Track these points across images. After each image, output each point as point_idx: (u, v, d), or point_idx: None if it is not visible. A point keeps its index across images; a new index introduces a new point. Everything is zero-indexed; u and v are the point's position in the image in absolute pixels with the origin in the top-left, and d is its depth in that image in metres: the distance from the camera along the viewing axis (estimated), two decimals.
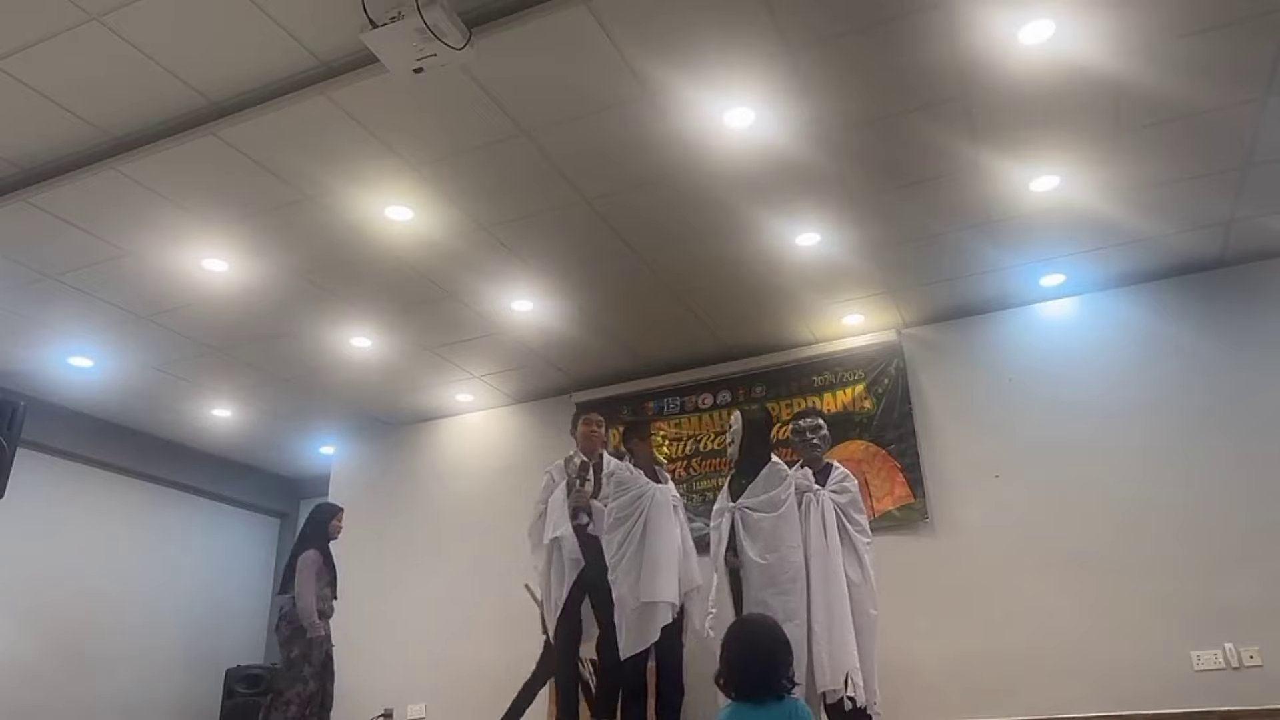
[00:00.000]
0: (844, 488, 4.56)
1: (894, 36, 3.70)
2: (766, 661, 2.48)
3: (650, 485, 4.51)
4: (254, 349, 6.27)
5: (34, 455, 6.68)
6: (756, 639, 2.56)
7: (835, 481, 4.58)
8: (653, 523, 4.37)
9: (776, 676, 2.46)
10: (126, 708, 7.33)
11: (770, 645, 2.53)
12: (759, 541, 4.22)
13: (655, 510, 4.42)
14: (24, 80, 3.78)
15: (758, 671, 2.46)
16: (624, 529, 4.37)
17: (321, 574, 5.52)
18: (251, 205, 4.66)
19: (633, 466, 4.64)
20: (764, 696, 2.45)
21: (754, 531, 4.25)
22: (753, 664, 2.48)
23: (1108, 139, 4.39)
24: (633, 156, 4.38)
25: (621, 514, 4.41)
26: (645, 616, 4.23)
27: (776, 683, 2.46)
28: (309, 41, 3.68)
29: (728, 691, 2.55)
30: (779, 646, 2.53)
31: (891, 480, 5.93)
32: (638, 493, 4.46)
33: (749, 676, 2.47)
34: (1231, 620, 4.90)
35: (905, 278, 5.65)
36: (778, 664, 2.48)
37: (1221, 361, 5.40)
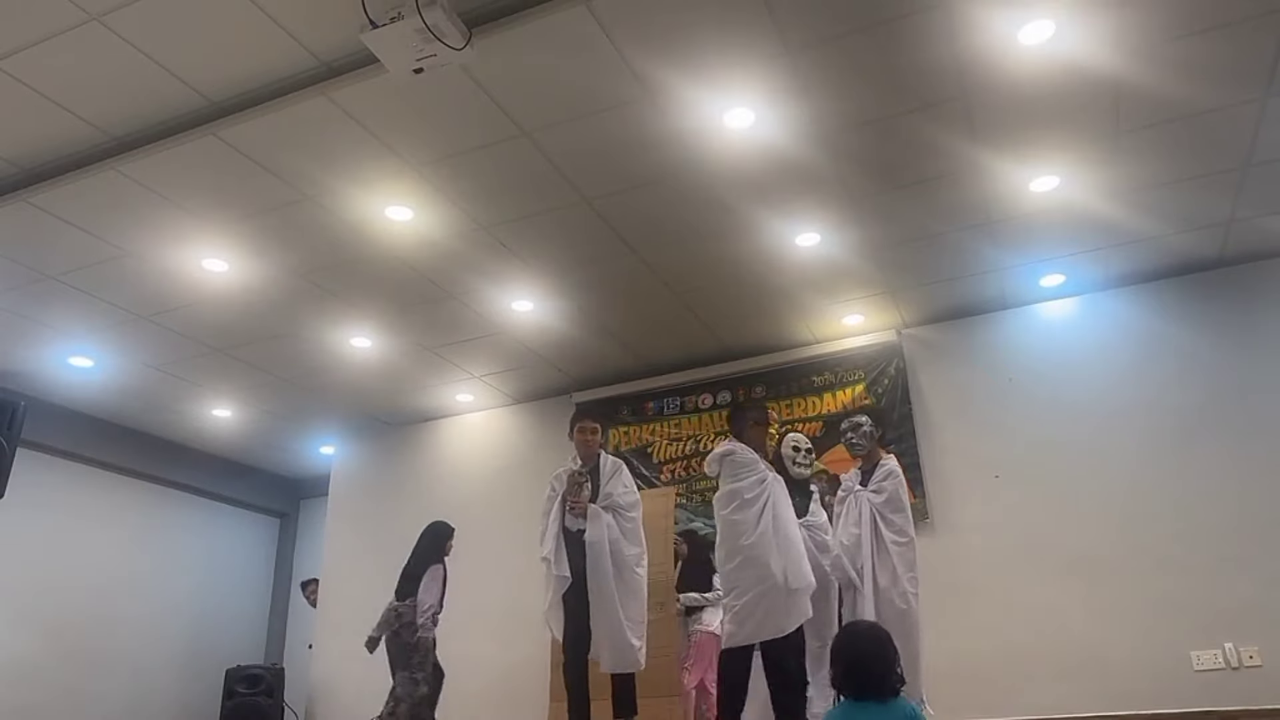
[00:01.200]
0: (881, 487, 4.46)
1: (894, 37, 3.70)
2: (878, 661, 2.60)
3: (769, 470, 4.29)
4: (254, 349, 6.27)
5: (34, 455, 6.68)
6: (867, 640, 2.69)
7: (875, 481, 4.50)
8: (779, 508, 4.16)
9: (889, 676, 2.58)
10: (126, 707, 7.33)
11: (879, 646, 2.66)
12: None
13: (780, 495, 4.21)
14: (24, 80, 3.78)
15: (872, 671, 2.58)
16: (754, 510, 4.10)
17: (443, 586, 5.71)
18: (251, 205, 4.66)
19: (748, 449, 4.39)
20: (878, 695, 2.56)
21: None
22: (866, 664, 2.60)
23: (1108, 139, 4.39)
24: (633, 157, 4.38)
25: (750, 495, 4.14)
26: (792, 602, 3.99)
27: (889, 682, 2.57)
28: (309, 41, 3.68)
29: (843, 692, 2.67)
30: (887, 647, 2.66)
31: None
32: (759, 476, 4.20)
33: (865, 676, 2.59)
34: (1231, 620, 4.90)
35: (905, 278, 5.65)
36: (889, 663, 2.60)
37: (1221, 362, 5.40)
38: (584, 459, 4.79)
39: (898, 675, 2.62)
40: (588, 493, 4.64)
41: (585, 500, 4.60)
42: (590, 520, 4.55)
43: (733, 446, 4.29)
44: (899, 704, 2.58)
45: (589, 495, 4.64)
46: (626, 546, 4.56)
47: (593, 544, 4.45)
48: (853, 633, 2.80)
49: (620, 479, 4.75)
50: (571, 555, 4.55)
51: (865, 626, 2.87)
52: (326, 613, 7.50)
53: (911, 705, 2.63)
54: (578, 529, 4.58)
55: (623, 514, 4.64)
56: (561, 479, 4.75)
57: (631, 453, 6.76)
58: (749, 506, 4.11)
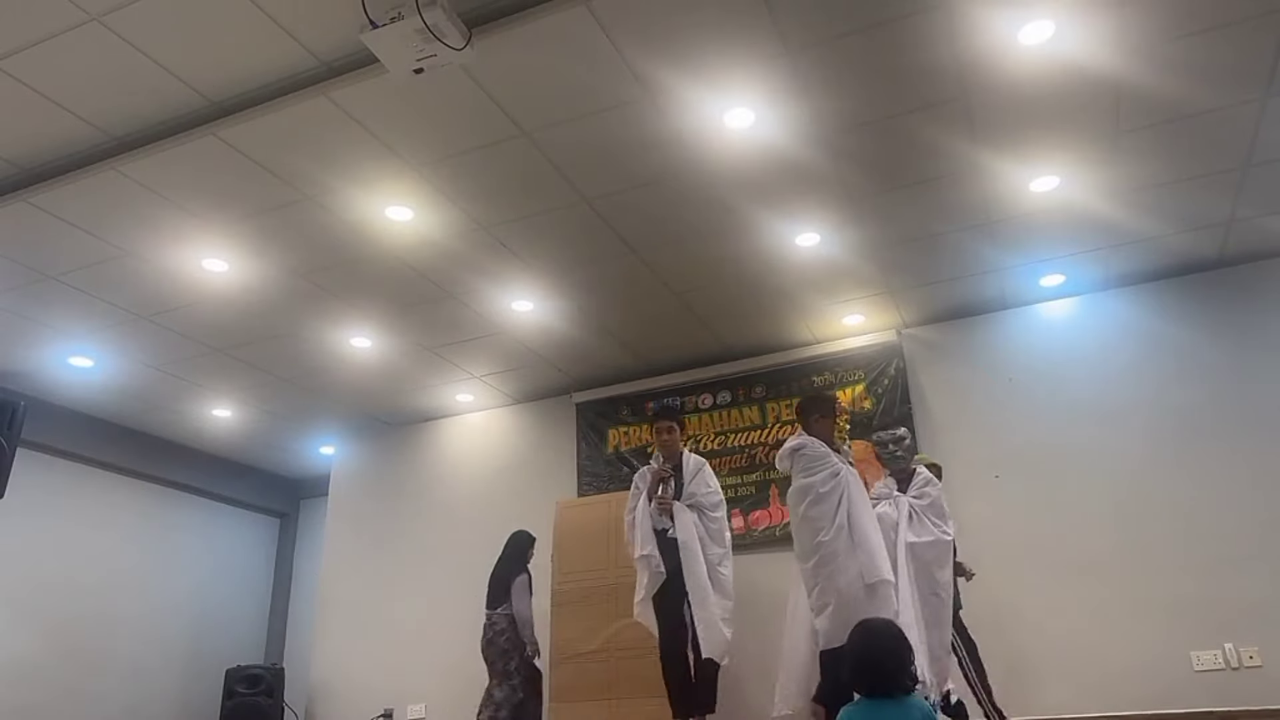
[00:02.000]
0: (924, 493, 4.49)
1: (894, 37, 3.70)
2: (892, 660, 2.64)
3: (842, 463, 4.26)
4: (254, 349, 6.27)
5: (34, 455, 6.68)
6: (880, 638, 2.72)
7: (916, 487, 4.55)
8: (854, 501, 4.12)
9: (902, 674, 2.61)
10: (126, 707, 7.33)
11: (893, 644, 2.70)
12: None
13: (855, 487, 4.17)
14: (24, 80, 3.78)
15: (885, 669, 2.62)
16: (830, 505, 4.06)
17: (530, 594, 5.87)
18: (251, 205, 4.66)
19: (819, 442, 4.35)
20: (892, 693, 2.60)
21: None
22: (879, 662, 2.64)
23: (1108, 139, 4.39)
24: (633, 157, 4.38)
25: (824, 489, 4.10)
26: (872, 598, 3.92)
27: (901, 680, 2.61)
28: (309, 41, 3.68)
29: (856, 690, 2.71)
30: (901, 645, 2.70)
31: None
32: (833, 469, 4.16)
33: (877, 674, 2.63)
34: (1231, 620, 4.90)
35: (905, 278, 5.65)
36: (902, 662, 2.64)
37: (1221, 361, 5.40)
38: (667, 458, 4.83)
39: (911, 674, 2.65)
40: (671, 490, 4.68)
41: (670, 499, 4.63)
42: (677, 519, 4.59)
43: (803, 440, 4.25)
44: (912, 702, 2.60)
45: (672, 493, 4.67)
46: (711, 546, 4.60)
47: (683, 543, 4.53)
48: (867, 630, 2.80)
49: (703, 479, 4.78)
50: (665, 554, 4.58)
51: (879, 624, 2.86)
52: (326, 613, 7.50)
53: (925, 704, 2.64)
54: (663, 528, 4.61)
55: (707, 514, 4.68)
56: (645, 477, 4.79)
57: (631, 453, 6.77)
58: (823, 501, 4.07)
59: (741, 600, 6.05)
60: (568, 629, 5.77)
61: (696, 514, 4.66)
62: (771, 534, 6.15)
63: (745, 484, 6.34)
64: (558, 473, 6.96)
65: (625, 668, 5.49)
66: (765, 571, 6.11)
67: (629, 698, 5.41)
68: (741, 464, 6.39)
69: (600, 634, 5.62)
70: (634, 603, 4.69)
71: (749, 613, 6.04)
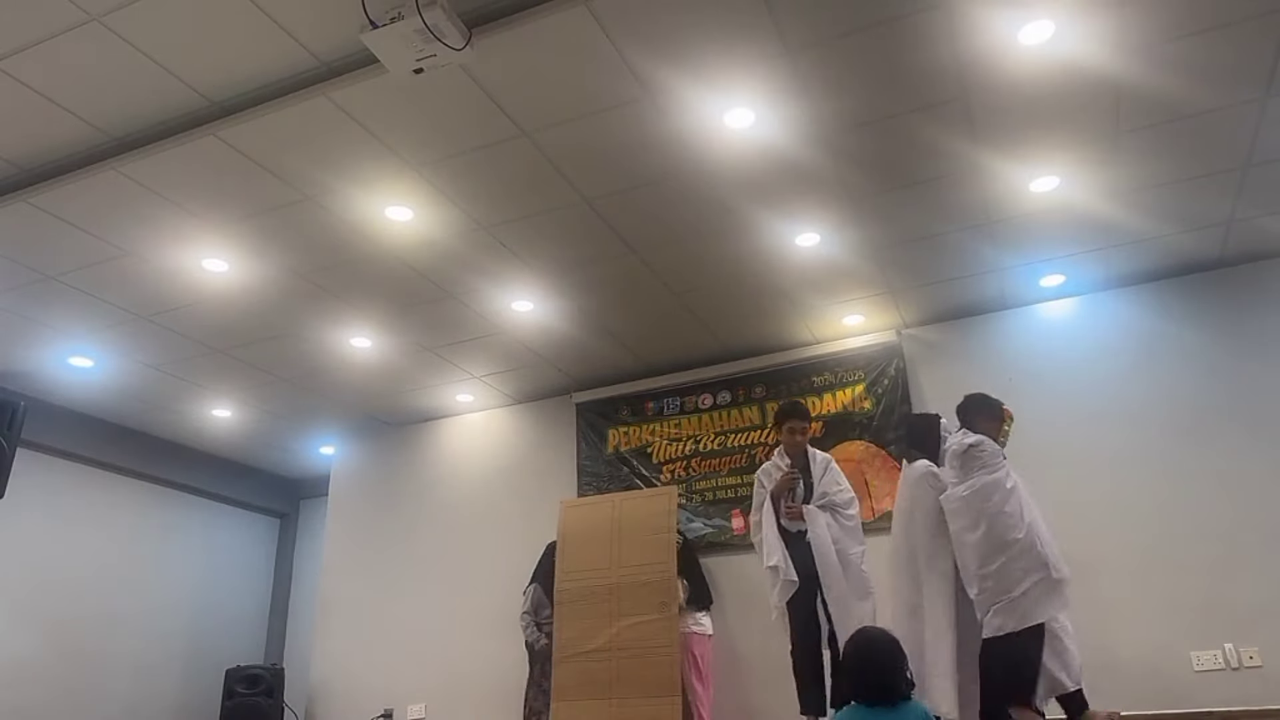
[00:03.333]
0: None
1: (894, 37, 3.70)
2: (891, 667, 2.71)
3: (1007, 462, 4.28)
4: (254, 349, 6.27)
5: (34, 455, 6.68)
6: (876, 647, 2.78)
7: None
8: (1028, 499, 4.12)
9: (900, 680, 2.68)
10: (126, 707, 7.33)
11: (892, 651, 2.76)
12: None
13: (1024, 484, 4.17)
14: (24, 80, 3.78)
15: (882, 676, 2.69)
16: (1016, 501, 4.03)
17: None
18: (251, 206, 4.66)
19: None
20: (888, 700, 2.66)
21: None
22: (876, 670, 2.70)
23: (1107, 139, 4.39)
24: (633, 157, 4.38)
25: (1009, 484, 4.08)
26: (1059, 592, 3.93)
27: (898, 687, 2.67)
28: (309, 41, 3.68)
29: (854, 696, 2.75)
30: (899, 652, 2.76)
31: (891, 480, 5.91)
32: (1007, 466, 4.16)
33: (874, 682, 2.69)
34: (1231, 620, 4.90)
35: (905, 278, 5.65)
36: (898, 669, 2.71)
37: (1221, 361, 5.40)
38: (792, 457, 4.77)
39: (908, 680, 2.70)
40: (800, 492, 4.63)
41: (799, 503, 4.58)
42: (809, 522, 4.54)
43: (979, 437, 4.19)
44: (910, 707, 2.64)
45: (801, 495, 4.63)
46: (849, 545, 4.56)
47: (818, 547, 4.47)
48: (862, 640, 2.84)
49: (833, 476, 4.74)
50: (797, 556, 4.53)
51: (875, 633, 2.90)
52: (326, 613, 7.50)
53: (923, 707, 2.69)
54: (797, 529, 4.56)
55: (841, 512, 4.63)
56: (771, 475, 4.72)
57: (631, 453, 6.77)
58: (1012, 498, 4.02)
59: (742, 601, 6.08)
60: (569, 628, 5.78)
61: (830, 514, 4.58)
62: None
63: (745, 484, 6.31)
64: (558, 473, 6.95)
65: (626, 667, 5.49)
66: (766, 572, 6.11)
67: (630, 698, 5.41)
68: (741, 464, 6.38)
69: (601, 633, 5.63)
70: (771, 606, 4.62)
71: (749, 613, 6.05)
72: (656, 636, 5.46)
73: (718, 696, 5.76)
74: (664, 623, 5.48)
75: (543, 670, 5.87)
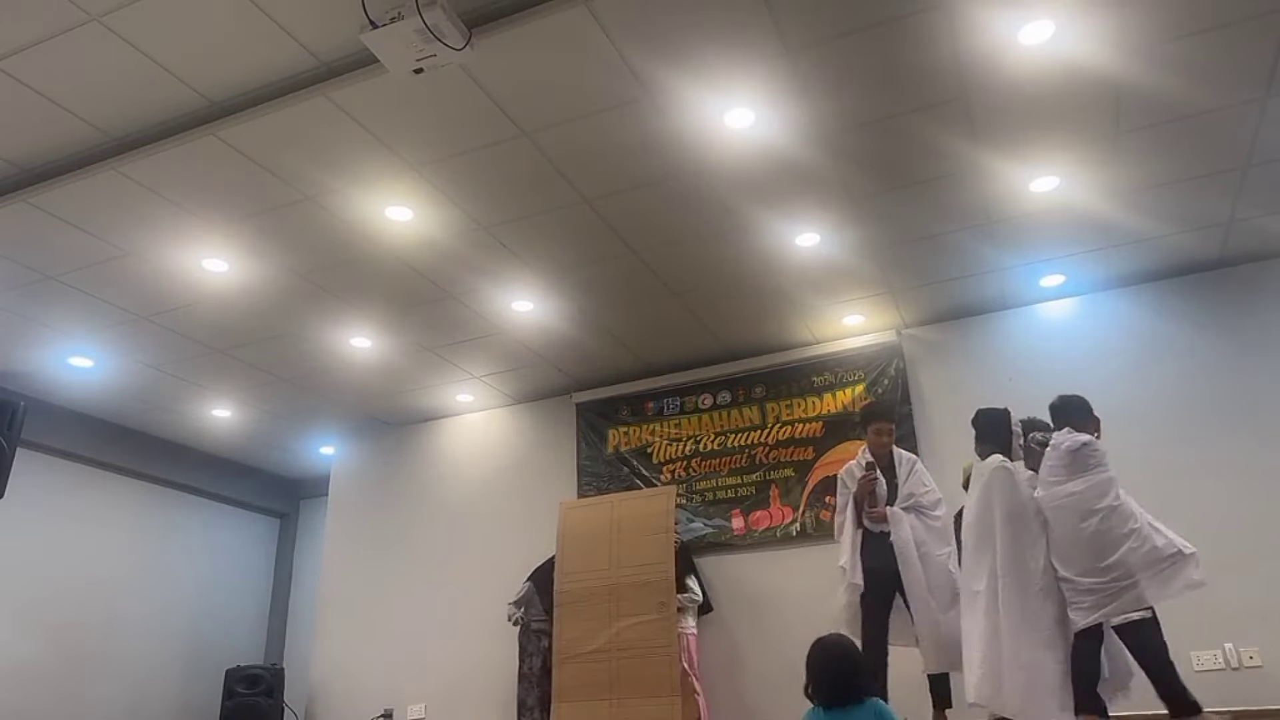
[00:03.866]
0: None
1: (894, 37, 3.70)
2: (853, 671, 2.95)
3: None
4: (254, 349, 6.27)
5: (34, 455, 6.67)
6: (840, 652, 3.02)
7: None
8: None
9: (853, 683, 2.91)
10: (127, 708, 7.33)
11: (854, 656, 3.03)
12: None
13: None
14: (24, 80, 3.78)
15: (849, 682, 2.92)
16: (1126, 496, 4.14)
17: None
18: (251, 205, 4.66)
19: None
20: (845, 702, 2.89)
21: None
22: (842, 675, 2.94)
23: (1107, 139, 4.39)
24: (633, 157, 4.38)
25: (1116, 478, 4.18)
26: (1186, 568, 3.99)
27: (854, 689, 2.90)
28: (309, 41, 3.68)
29: (814, 700, 2.98)
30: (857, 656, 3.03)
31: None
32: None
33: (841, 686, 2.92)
34: (1231, 620, 4.90)
35: (905, 278, 5.65)
36: (853, 673, 2.94)
37: (1221, 361, 5.40)
38: (877, 458, 4.74)
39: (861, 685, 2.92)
40: (883, 491, 4.61)
41: (882, 505, 4.56)
42: (893, 525, 4.51)
43: (1088, 436, 4.23)
44: (867, 706, 2.89)
45: (884, 496, 4.61)
46: (936, 546, 4.51)
47: (901, 550, 4.44)
48: (820, 647, 3.06)
49: (919, 477, 4.71)
50: (879, 556, 4.50)
51: (831, 640, 3.10)
52: (326, 613, 7.50)
53: (880, 704, 2.91)
54: (880, 530, 4.54)
55: (927, 514, 4.59)
56: (854, 475, 4.68)
57: (631, 453, 6.77)
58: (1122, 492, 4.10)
59: (742, 601, 6.08)
60: (569, 629, 5.77)
61: (915, 515, 4.55)
62: (772, 534, 6.15)
63: (745, 484, 6.34)
64: (558, 473, 6.95)
65: (626, 668, 5.49)
66: (765, 572, 6.12)
67: (630, 698, 5.41)
68: (741, 464, 6.38)
69: (601, 634, 5.63)
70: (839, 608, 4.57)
71: (750, 614, 6.05)
72: (656, 637, 5.46)
73: (717, 697, 5.77)
74: (664, 623, 5.48)
75: (529, 665, 5.98)
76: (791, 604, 5.90)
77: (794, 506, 6.13)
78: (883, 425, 4.82)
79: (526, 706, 5.88)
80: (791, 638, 5.80)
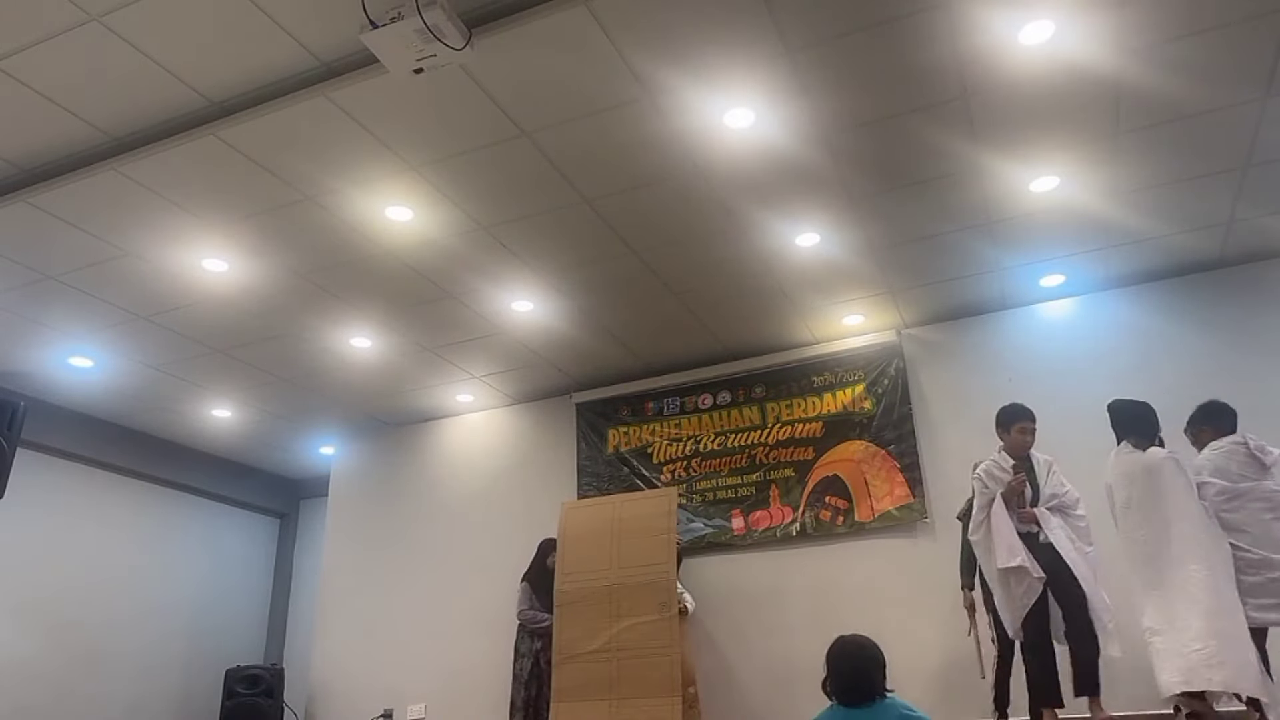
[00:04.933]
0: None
1: (894, 37, 3.70)
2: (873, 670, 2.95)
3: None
4: (254, 349, 6.27)
5: (34, 455, 6.68)
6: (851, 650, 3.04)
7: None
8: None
9: (873, 682, 2.92)
10: (126, 708, 7.33)
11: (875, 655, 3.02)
12: None
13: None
14: (24, 80, 3.78)
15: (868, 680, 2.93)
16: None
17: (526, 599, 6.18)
18: (251, 205, 4.66)
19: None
20: (865, 700, 2.90)
21: None
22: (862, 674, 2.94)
23: (1108, 139, 4.39)
24: (633, 157, 4.38)
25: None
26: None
27: (875, 687, 2.91)
28: (309, 41, 3.68)
29: (834, 698, 3.00)
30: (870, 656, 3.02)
31: (891, 480, 5.93)
32: None
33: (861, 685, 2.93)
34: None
35: (905, 278, 5.65)
36: (871, 672, 2.95)
37: (1221, 361, 5.40)
38: (1017, 458, 4.71)
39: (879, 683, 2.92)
40: (1029, 493, 4.60)
41: (1031, 511, 4.55)
42: (1045, 524, 4.50)
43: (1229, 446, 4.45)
44: (886, 704, 2.89)
45: (1030, 498, 4.60)
46: (1085, 544, 4.56)
47: (1061, 546, 4.46)
48: (840, 644, 3.09)
49: (1058, 477, 4.72)
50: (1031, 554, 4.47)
51: (852, 639, 3.12)
52: (326, 613, 7.50)
53: (902, 703, 2.91)
54: (1027, 531, 4.52)
55: (1071, 513, 4.60)
56: (995, 476, 4.61)
57: (631, 453, 6.77)
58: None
59: (742, 602, 6.08)
60: (569, 629, 5.77)
61: (1060, 515, 4.55)
62: (772, 534, 6.15)
63: (745, 484, 6.34)
64: (558, 473, 6.95)
65: (627, 668, 5.48)
66: (766, 572, 6.12)
67: (630, 698, 5.41)
68: (741, 464, 6.38)
69: (602, 634, 5.62)
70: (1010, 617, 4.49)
71: (750, 614, 6.05)
72: (657, 637, 5.46)
73: (718, 697, 5.77)
74: (664, 623, 5.47)
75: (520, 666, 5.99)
76: (791, 604, 5.91)
77: (794, 506, 6.13)
78: (1028, 425, 4.78)
79: (515, 707, 5.86)
80: (791, 638, 5.82)
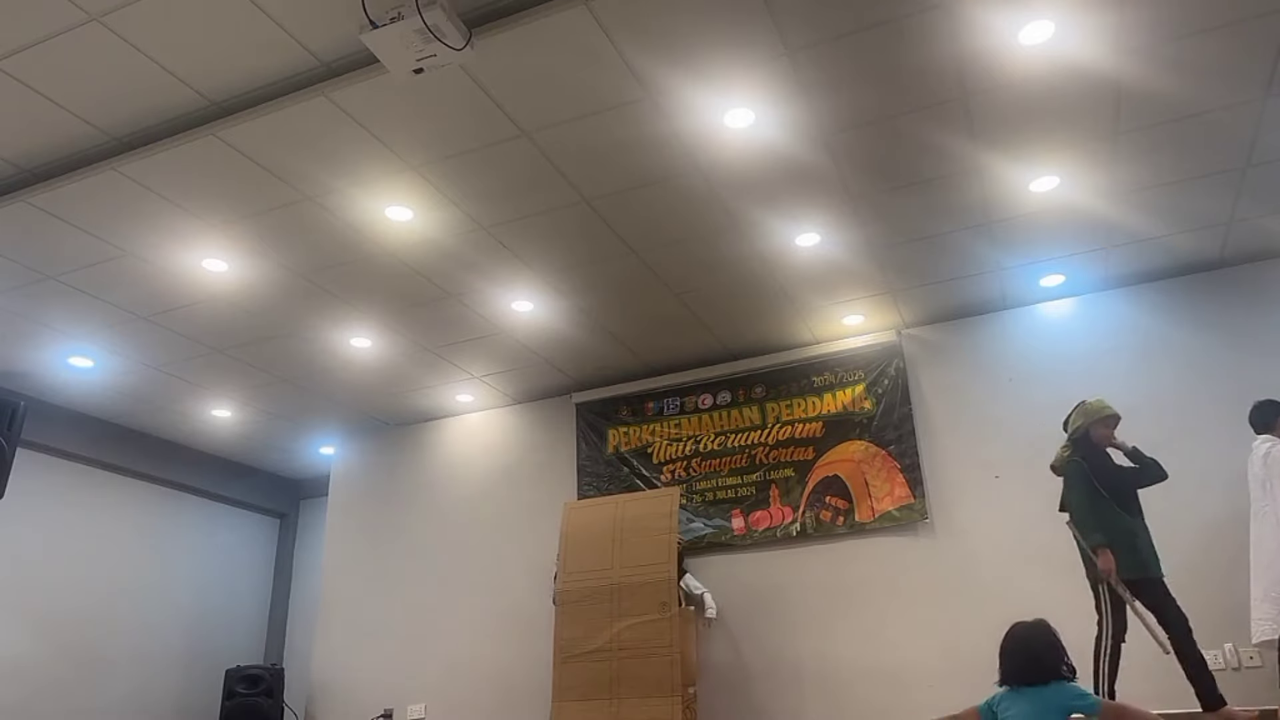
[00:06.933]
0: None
1: (894, 37, 3.70)
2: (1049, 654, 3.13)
3: None
4: (254, 349, 6.27)
5: (34, 455, 6.68)
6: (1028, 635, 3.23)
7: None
8: None
9: (1059, 664, 3.09)
10: (126, 708, 7.32)
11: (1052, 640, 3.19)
12: None
13: None
14: (24, 80, 3.78)
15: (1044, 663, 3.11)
16: None
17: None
18: (251, 205, 4.66)
19: None
20: (1036, 680, 3.08)
21: None
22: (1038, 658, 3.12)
23: (1108, 139, 4.39)
24: (633, 157, 4.38)
25: None
26: None
27: (1058, 670, 3.08)
28: (309, 41, 3.68)
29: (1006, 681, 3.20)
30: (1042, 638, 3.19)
31: (891, 480, 5.93)
32: None
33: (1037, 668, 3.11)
34: (1231, 620, 4.90)
35: (905, 278, 5.65)
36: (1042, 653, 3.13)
37: (1221, 361, 5.40)
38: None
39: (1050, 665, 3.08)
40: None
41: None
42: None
43: None
44: (1056, 687, 3.05)
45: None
46: None
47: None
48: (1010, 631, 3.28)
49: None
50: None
51: (1021, 624, 3.29)
52: (326, 613, 7.51)
53: (1075, 688, 3.09)
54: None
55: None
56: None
57: (631, 453, 6.77)
58: None
59: (742, 602, 6.08)
60: (570, 629, 5.77)
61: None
62: (772, 534, 6.15)
63: (745, 484, 6.34)
64: (557, 473, 6.96)
65: (627, 668, 5.48)
66: (766, 572, 6.12)
67: (630, 698, 5.41)
68: (741, 464, 6.38)
69: (602, 634, 5.62)
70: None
71: (750, 615, 6.05)
72: (657, 637, 5.46)
73: (719, 697, 5.77)
74: (664, 623, 5.48)
75: None
76: (792, 604, 5.91)
77: (794, 507, 6.13)
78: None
79: None
80: (792, 638, 5.83)
